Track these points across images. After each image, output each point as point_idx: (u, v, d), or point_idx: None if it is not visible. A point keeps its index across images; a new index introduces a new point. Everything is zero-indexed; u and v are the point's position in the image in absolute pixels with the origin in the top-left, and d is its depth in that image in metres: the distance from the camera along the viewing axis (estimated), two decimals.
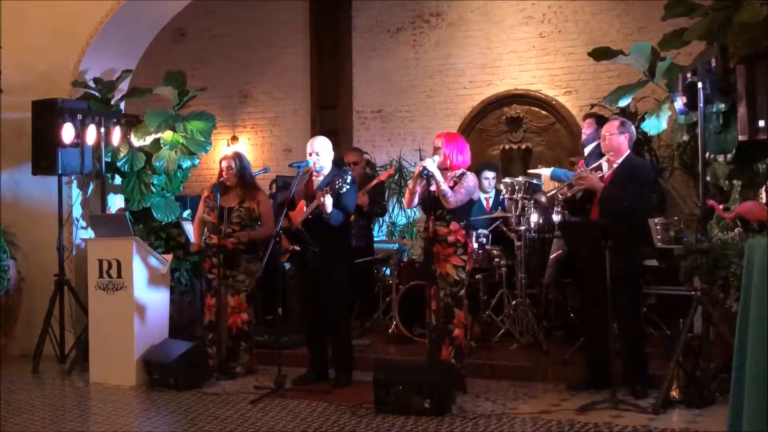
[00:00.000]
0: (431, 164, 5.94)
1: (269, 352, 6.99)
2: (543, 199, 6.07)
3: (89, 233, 7.74)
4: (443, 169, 6.09)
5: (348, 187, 6.19)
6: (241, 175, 6.92)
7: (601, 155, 6.09)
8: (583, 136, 7.36)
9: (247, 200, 6.91)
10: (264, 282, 7.19)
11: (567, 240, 6.46)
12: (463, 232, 6.05)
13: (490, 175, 8.18)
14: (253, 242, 6.90)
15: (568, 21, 9.74)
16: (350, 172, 6.47)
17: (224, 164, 6.97)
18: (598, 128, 6.93)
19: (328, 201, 6.12)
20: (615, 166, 5.95)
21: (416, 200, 6.19)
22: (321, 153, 6.48)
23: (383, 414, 5.54)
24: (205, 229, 7.01)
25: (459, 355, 6.03)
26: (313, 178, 6.55)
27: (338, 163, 7.87)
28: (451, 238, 6.00)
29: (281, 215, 6.33)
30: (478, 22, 10.13)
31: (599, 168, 6.02)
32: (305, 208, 6.31)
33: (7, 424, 5.55)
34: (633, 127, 6.13)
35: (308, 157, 6.49)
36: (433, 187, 5.97)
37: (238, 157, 7.05)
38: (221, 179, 6.95)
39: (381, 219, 10.03)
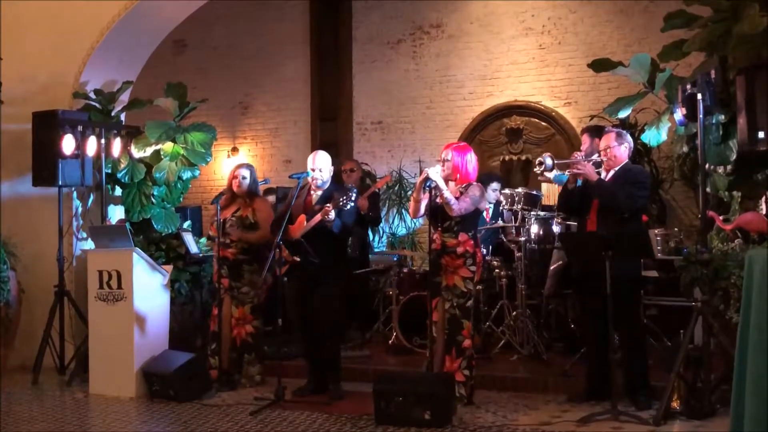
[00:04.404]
0: (434, 173, 5.92)
1: (269, 363, 6.97)
2: (549, 161, 6.03)
3: (89, 244, 7.74)
4: (452, 180, 6.09)
5: (352, 204, 6.21)
6: (249, 187, 6.97)
7: (599, 165, 6.07)
8: (585, 152, 7.30)
9: (242, 208, 6.94)
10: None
11: (567, 251, 6.46)
12: (472, 242, 6.03)
13: (497, 186, 8.16)
14: (254, 252, 6.90)
15: (567, 32, 9.77)
16: (355, 189, 6.46)
17: (239, 173, 6.97)
18: (591, 141, 6.91)
19: (333, 216, 6.14)
20: (612, 173, 5.96)
21: (421, 210, 6.15)
22: (324, 169, 6.50)
23: (383, 425, 5.52)
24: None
25: (469, 367, 6.00)
26: (312, 192, 6.56)
27: (337, 173, 7.90)
28: (460, 249, 5.98)
29: (280, 227, 6.32)
30: (478, 33, 10.16)
31: (597, 165, 6.03)
32: (305, 222, 6.32)
33: None
34: (629, 136, 6.16)
35: (310, 173, 6.50)
36: (438, 198, 5.97)
37: (251, 168, 7.09)
38: (234, 189, 6.96)
39: (381, 230, 10.04)
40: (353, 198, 6.18)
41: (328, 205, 6.13)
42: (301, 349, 6.93)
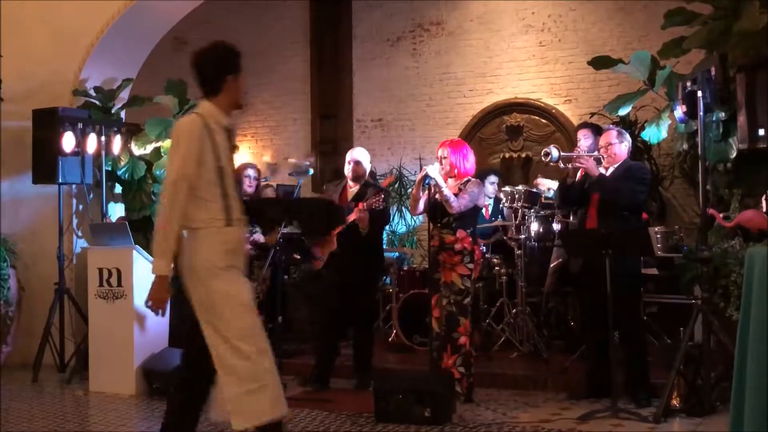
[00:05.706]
0: (433, 170, 5.94)
1: None
2: (555, 153, 6.02)
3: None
4: (450, 177, 6.11)
5: (383, 205, 6.39)
6: (257, 187, 7.05)
7: (599, 161, 6.07)
8: (584, 148, 7.28)
9: None
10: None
11: (567, 249, 6.46)
12: (470, 239, 6.03)
13: (495, 179, 8.17)
14: (265, 249, 6.93)
15: (567, 30, 9.75)
16: (385, 190, 6.57)
17: (252, 173, 7.04)
18: (596, 138, 6.90)
19: (366, 217, 6.33)
20: (612, 170, 5.97)
21: (421, 207, 6.18)
22: (361, 163, 6.64)
23: (383, 423, 5.52)
24: None
25: (466, 364, 6.01)
26: (348, 188, 6.67)
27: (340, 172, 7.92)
28: (458, 246, 5.98)
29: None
30: (478, 30, 10.15)
31: (597, 162, 6.04)
32: None
33: None
34: (629, 135, 6.17)
35: (346, 166, 6.66)
36: (437, 195, 5.99)
37: (258, 169, 7.17)
38: (246, 187, 7.00)
39: None
40: (382, 199, 6.38)
41: (363, 203, 6.34)
42: (304, 347, 6.95)
